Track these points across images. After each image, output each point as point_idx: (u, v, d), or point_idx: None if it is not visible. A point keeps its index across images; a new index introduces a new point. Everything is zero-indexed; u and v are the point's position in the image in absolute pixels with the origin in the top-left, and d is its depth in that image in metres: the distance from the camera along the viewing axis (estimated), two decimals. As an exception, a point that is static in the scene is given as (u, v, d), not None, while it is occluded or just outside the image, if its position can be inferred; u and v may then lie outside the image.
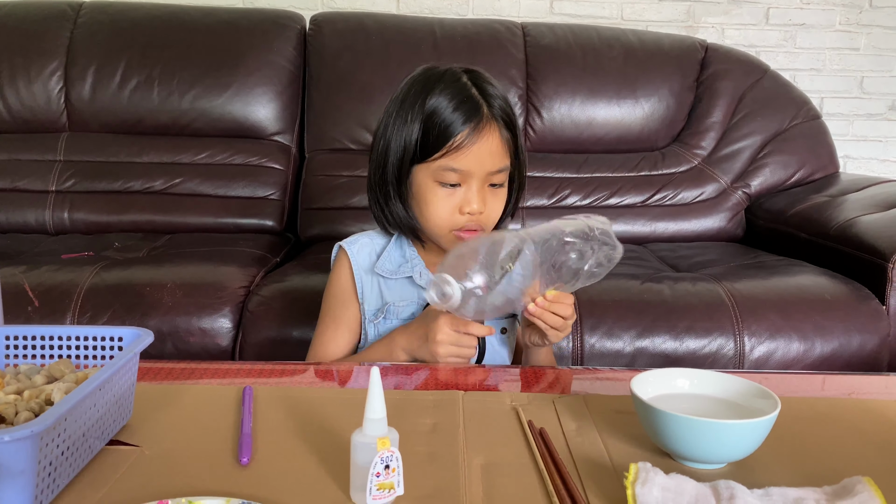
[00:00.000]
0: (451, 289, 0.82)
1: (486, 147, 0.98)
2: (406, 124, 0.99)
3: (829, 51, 2.59)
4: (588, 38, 2.19)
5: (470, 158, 0.97)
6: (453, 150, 0.97)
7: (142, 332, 0.75)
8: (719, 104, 2.17)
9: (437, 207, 0.99)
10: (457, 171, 0.97)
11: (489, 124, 0.98)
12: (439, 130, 0.97)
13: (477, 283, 0.83)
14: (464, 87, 0.99)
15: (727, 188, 2.12)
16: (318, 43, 2.15)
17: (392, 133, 1.00)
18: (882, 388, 0.95)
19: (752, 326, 1.42)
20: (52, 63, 2.06)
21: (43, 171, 2.01)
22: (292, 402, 0.80)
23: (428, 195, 1.00)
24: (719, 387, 0.75)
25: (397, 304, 1.06)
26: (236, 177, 2.05)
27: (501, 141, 1.00)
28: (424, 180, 1.00)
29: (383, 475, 0.58)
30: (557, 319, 0.93)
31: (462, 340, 0.95)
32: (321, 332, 1.10)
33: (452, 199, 0.99)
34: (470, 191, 0.99)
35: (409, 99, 1.00)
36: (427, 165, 0.99)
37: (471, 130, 0.97)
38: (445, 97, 0.98)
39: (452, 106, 0.97)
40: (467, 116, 0.97)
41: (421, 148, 0.98)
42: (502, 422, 0.76)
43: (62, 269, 1.53)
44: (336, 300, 1.09)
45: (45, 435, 0.56)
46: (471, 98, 0.98)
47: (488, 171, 0.99)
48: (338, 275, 1.10)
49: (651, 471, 0.61)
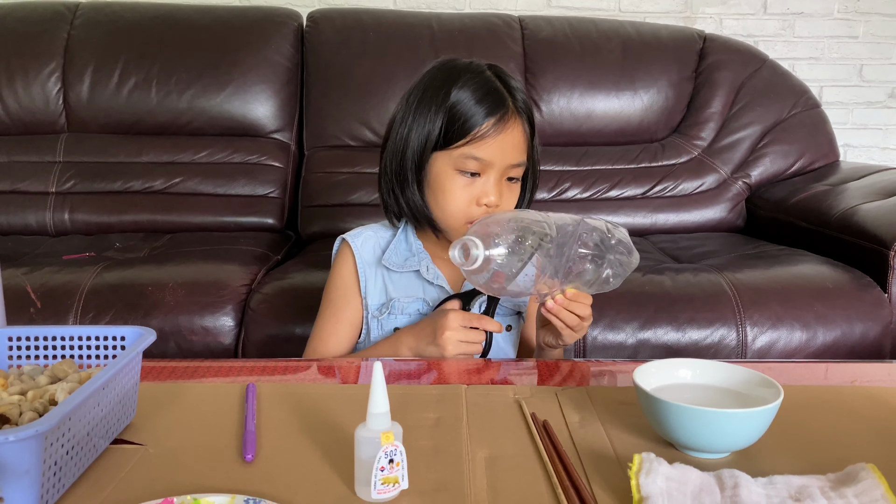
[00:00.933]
0: (477, 251, 0.82)
1: (509, 139, 0.98)
2: (429, 113, 0.98)
3: (827, 39, 2.58)
4: (586, 31, 2.18)
5: (493, 148, 0.97)
6: (477, 138, 0.97)
7: (144, 330, 0.75)
8: (718, 94, 2.17)
9: (454, 196, 0.99)
10: (478, 159, 0.97)
11: (514, 117, 0.99)
12: (464, 119, 0.97)
13: (500, 253, 0.83)
14: (489, 79, 1.00)
15: (727, 178, 2.12)
16: (315, 39, 2.15)
17: (413, 122, 1.00)
18: (885, 375, 0.95)
19: (754, 316, 1.42)
20: (50, 64, 2.06)
21: (42, 172, 2.02)
22: (296, 398, 0.81)
23: (446, 183, 0.99)
24: (722, 376, 0.75)
25: (402, 300, 1.05)
26: (236, 175, 2.05)
27: (524, 135, 1.01)
28: (444, 168, 0.99)
29: (388, 469, 0.59)
30: (574, 318, 0.93)
31: (470, 336, 0.95)
32: (321, 325, 1.08)
33: (470, 189, 0.98)
34: (488, 182, 0.98)
35: (430, 89, 1.00)
36: (448, 153, 0.98)
37: (496, 121, 0.97)
38: (469, 88, 0.98)
39: (477, 97, 0.97)
40: (493, 107, 0.97)
41: (444, 136, 0.98)
42: (505, 415, 0.77)
43: (63, 270, 1.53)
44: (338, 294, 1.08)
45: (50, 435, 0.56)
46: (496, 90, 0.99)
47: (509, 164, 0.99)
48: (340, 268, 1.09)
49: (655, 461, 0.61)
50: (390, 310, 1.05)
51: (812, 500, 0.57)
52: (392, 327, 1.05)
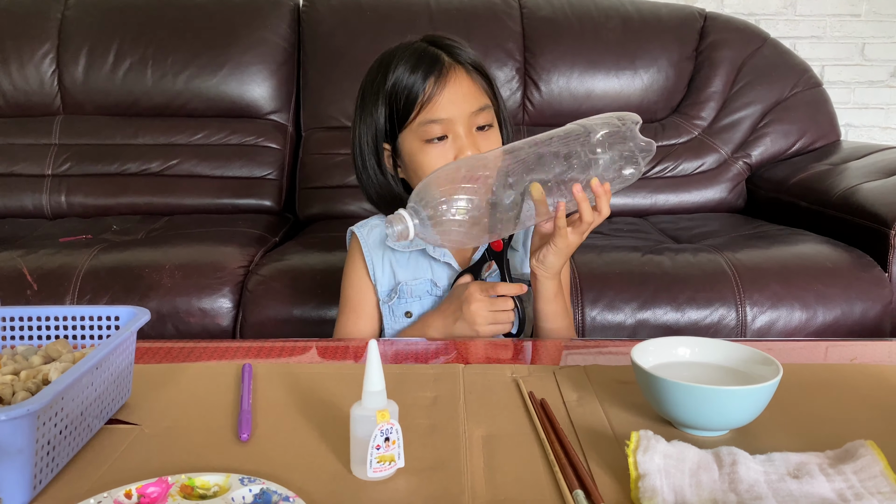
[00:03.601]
0: (399, 226, 0.81)
1: (457, 90, 0.96)
2: (373, 106, 0.98)
3: (829, 17, 2.56)
4: (585, 10, 2.16)
5: (445, 105, 0.95)
6: (426, 102, 0.95)
7: (138, 310, 0.74)
8: (719, 74, 2.15)
9: (431, 166, 0.95)
10: (436, 121, 0.95)
11: (454, 69, 0.97)
12: (407, 91, 0.95)
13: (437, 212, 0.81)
14: (419, 47, 0.99)
15: (728, 158, 2.10)
16: (312, 19, 2.12)
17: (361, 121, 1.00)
18: (885, 353, 0.94)
19: (753, 296, 1.42)
20: (44, 45, 2.04)
21: (38, 155, 2.00)
22: (292, 378, 0.80)
23: (419, 157, 0.97)
24: (720, 354, 0.74)
25: (410, 283, 1.04)
26: (233, 157, 2.04)
27: (473, 82, 0.98)
28: (412, 145, 0.98)
29: (383, 448, 0.58)
30: (591, 213, 0.87)
31: (497, 304, 0.93)
32: (343, 323, 1.08)
33: (445, 153, 0.96)
34: (459, 138, 0.96)
35: (368, 84, 1.00)
36: (409, 129, 0.97)
37: (436, 79, 0.95)
38: (402, 63, 0.97)
39: (411, 66, 0.96)
40: (428, 68, 0.95)
41: (391, 120, 0.97)
42: (503, 394, 0.76)
43: (60, 252, 1.53)
44: (353, 288, 1.08)
45: (42, 414, 0.55)
46: (427, 52, 0.97)
47: (469, 113, 0.96)
48: (352, 261, 1.08)
49: (653, 438, 0.61)
50: (399, 293, 1.04)
51: (811, 476, 0.56)
52: (403, 311, 1.04)
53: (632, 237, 1.72)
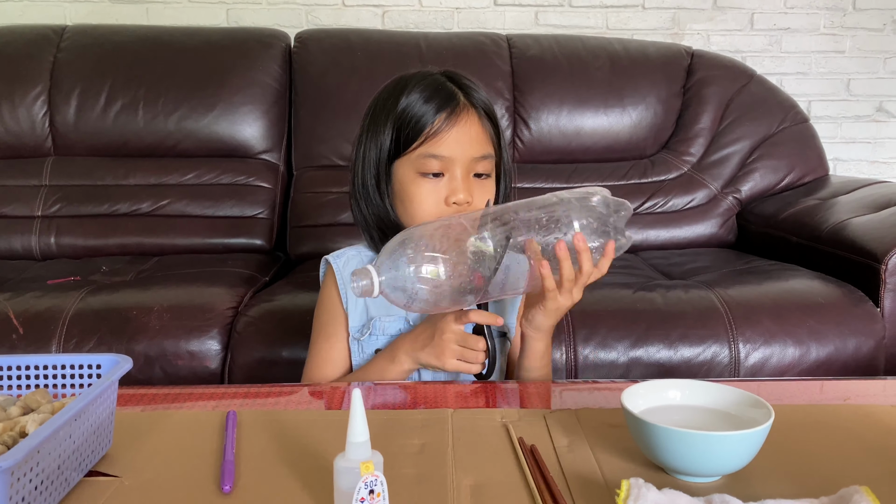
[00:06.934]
0: (364, 282, 0.80)
1: (465, 132, 0.95)
2: (381, 125, 0.96)
3: (814, 54, 2.60)
4: (573, 49, 2.19)
5: (450, 143, 0.93)
6: (431, 136, 0.93)
7: (120, 358, 0.73)
8: (707, 110, 2.17)
9: (421, 200, 0.94)
10: (437, 157, 0.93)
11: (466, 110, 0.96)
12: (415, 120, 0.94)
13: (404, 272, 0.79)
14: (437, 80, 0.98)
15: (717, 194, 2.11)
16: (303, 60, 2.14)
17: (367, 139, 0.98)
18: (879, 391, 0.93)
19: (746, 333, 1.41)
20: (36, 88, 2.05)
21: (28, 196, 2.00)
22: (277, 425, 0.79)
23: (410, 188, 0.95)
24: (711, 397, 0.73)
25: (383, 319, 1.02)
26: (224, 196, 2.03)
27: (482, 128, 0.97)
28: (406, 174, 0.96)
29: (367, 501, 0.57)
30: (571, 271, 0.85)
31: (469, 342, 0.91)
32: (315, 352, 1.05)
33: (436, 190, 0.94)
34: (454, 180, 0.94)
35: (380, 102, 0.98)
36: (407, 158, 0.95)
37: (447, 116, 0.94)
38: (417, 91, 0.95)
39: (426, 96, 0.95)
40: (442, 103, 0.94)
41: (399, 142, 0.95)
42: (492, 440, 0.75)
43: (47, 295, 1.51)
44: (328, 315, 1.05)
45: (17, 470, 0.54)
46: (444, 87, 0.96)
47: (471, 157, 0.95)
48: (326, 290, 1.06)
49: (643, 486, 0.59)
50: (371, 330, 1.02)
51: (805, 525, 0.55)
52: (373, 349, 1.02)
53: (623, 273, 1.71)
